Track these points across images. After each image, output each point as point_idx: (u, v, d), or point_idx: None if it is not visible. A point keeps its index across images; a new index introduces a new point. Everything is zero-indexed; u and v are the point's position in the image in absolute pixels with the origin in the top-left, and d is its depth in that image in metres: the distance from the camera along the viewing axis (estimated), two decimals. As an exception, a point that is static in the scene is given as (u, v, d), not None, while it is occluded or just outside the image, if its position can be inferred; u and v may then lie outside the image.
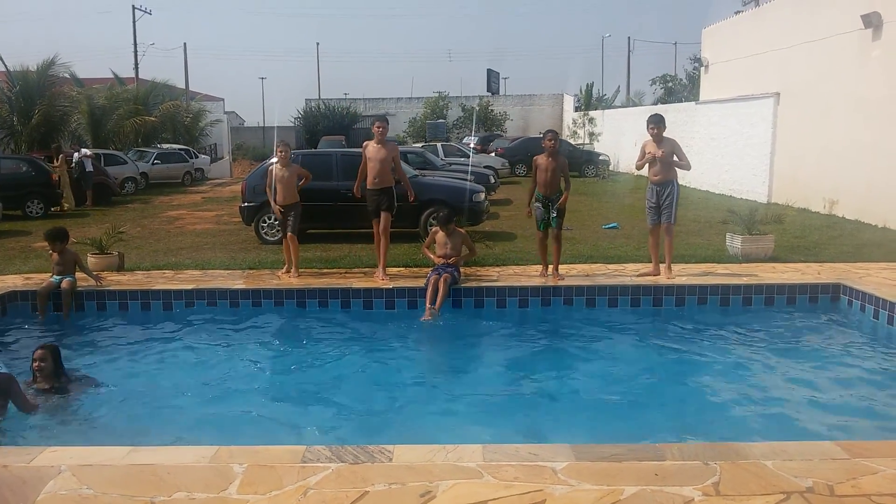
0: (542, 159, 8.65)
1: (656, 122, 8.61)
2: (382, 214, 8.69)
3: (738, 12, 24.64)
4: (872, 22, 13.94)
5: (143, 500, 3.46)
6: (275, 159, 9.29)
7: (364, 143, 9.05)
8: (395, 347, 7.06)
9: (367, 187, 8.78)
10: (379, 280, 8.55)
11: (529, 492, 3.51)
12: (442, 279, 7.84)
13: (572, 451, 3.93)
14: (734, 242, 9.91)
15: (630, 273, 8.87)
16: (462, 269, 8.57)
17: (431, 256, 8.43)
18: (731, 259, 9.72)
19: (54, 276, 8.14)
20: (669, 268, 8.56)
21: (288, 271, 9.00)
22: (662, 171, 8.57)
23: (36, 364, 5.60)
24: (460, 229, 8.75)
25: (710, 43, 23.47)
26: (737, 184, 19.37)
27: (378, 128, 8.80)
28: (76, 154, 20.12)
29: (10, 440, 4.78)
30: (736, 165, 19.51)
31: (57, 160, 18.80)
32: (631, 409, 5.40)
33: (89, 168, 19.62)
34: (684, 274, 8.76)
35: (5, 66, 26.08)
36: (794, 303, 8.02)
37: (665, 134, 8.61)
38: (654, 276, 8.62)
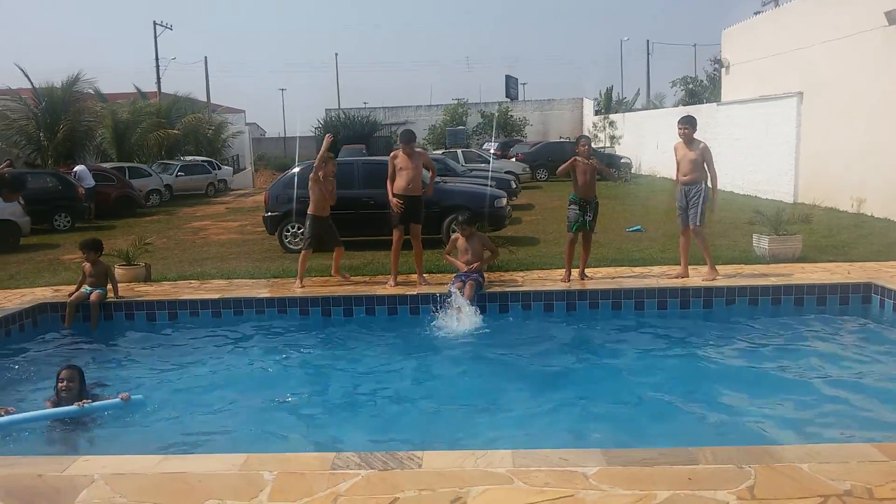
0: (580, 163, 8.63)
1: (686, 123, 8.54)
2: (413, 226, 8.80)
3: (757, 13, 24.48)
4: (896, 18, 13.75)
5: (176, 509, 3.48)
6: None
7: (392, 154, 8.99)
8: (421, 353, 7.05)
9: (396, 193, 8.76)
10: (418, 286, 8.65)
11: (561, 497, 3.47)
12: (467, 285, 7.83)
13: (603, 456, 3.89)
14: (761, 243, 9.78)
15: (656, 275, 8.80)
16: (486, 274, 8.55)
17: (455, 262, 8.41)
18: (759, 260, 9.60)
19: (86, 287, 8.24)
20: (713, 268, 8.44)
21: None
22: (691, 171, 8.48)
23: (63, 384, 5.41)
24: (480, 233, 8.74)
25: (730, 44, 23.29)
26: (762, 184, 19.16)
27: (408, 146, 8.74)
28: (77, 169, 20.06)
29: (42, 450, 4.83)
30: (760, 166, 19.31)
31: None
32: (661, 412, 5.34)
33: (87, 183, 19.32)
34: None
35: (31, 83, 26.53)
36: (824, 303, 7.89)
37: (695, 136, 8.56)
38: (684, 277, 8.53)
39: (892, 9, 13.74)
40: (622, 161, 29.00)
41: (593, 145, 9.92)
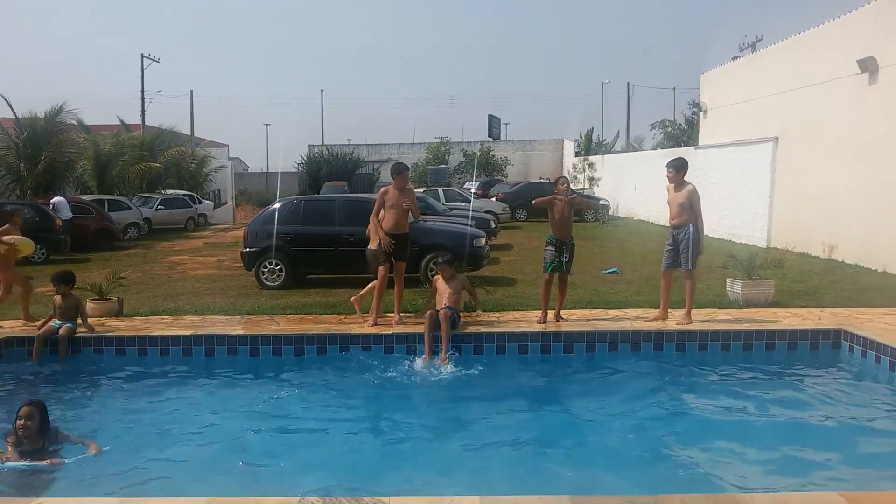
0: (557, 203, 8.69)
1: (670, 166, 8.69)
2: (397, 263, 8.77)
3: (735, 58, 25.01)
4: (868, 67, 14.12)
5: (131, 555, 3.39)
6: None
7: (383, 189, 8.98)
8: (393, 394, 6.98)
9: (386, 232, 8.70)
10: (394, 323, 8.61)
11: (525, 545, 3.43)
12: (441, 315, 7.79)
13: (572, 503, 3.86)
14: (734, 287, 9.88)
15: (631, 318, 8.83)
16: (462, 314, 8.55)
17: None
18: (732, 304, 9.67)
19: (55, 321, 8.13)
20: (688, 314, 8.50)
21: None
22: (678, 214, 8.57)
23: (21, 422, 5.06)
24: (459, 274, 8.77)
25: (708, 88, 23.78)
26: (736, 228, 19.42)
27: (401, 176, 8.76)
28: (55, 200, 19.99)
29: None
30: (735, 209, 19.58)
31: None
32: (631, 459, 5.32)
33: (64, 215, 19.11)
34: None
35: (14, 113, 26.44)
36: (795, 348, 7.95)
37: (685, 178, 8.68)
38: (662, 320, 8.57)
39: (864, 57, 14.12)
40: (600, 203, 29.29)
41: (572, 186, 10.02)
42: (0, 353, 8.01)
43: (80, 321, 8.32)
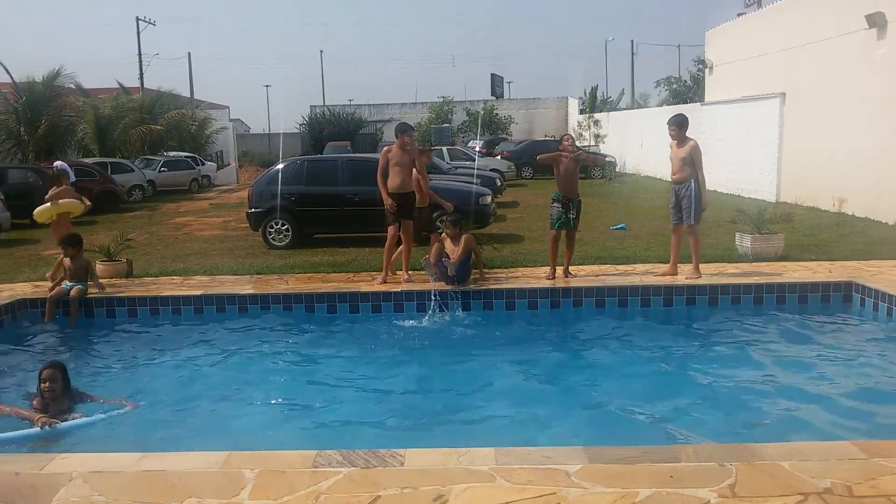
0: (563, 160, 8.62)
1: (671, 123, 8.64)
2: (404, 222, 8.73)
3: (740, 14, 24.57)
4: (877, 22, 13.91)
5: (155, 507, 3.43)
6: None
7: (386, 148, 8.93)
8: (405, 351, 7.03)
9: (390, 192, 8.67)
10: (402, 282, 8.63)
11: (543, 495, 3.47)
12: (468, 237, 8.31)
13: (585, 454, 3.89)
14: (744, 242, 9.84)
15: (640, 273, 8.82)
16: (471, 271, 8.55)
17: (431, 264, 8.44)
18: (742, 258, 9.65)
19: (66, 283, 8.16)
20: (697, 268, 8.49)
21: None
22: (679, 169, 8.52)
23: (46, 385, 5.10)
24: (466, 234, 8.74)
25: (713, 45, 23.43)
26: (745, 183, 19.31)
27: (409, 139, 8.76)
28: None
29: (20, 448, 4.77)
30: (743, 165, 19.45)
31: None
32: (643, 410, 5.35)
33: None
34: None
35: (12, 77, 26.18)
36: (806, 301, 7.94)
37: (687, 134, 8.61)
38: (672, 275, 8.57)
39: (872, 12, 13.88)
40: (606, 160, 29.08)
41: (577, 143, 9.93)
42: (13, 315, 8.05)
43: (90, 282, 8.35)
